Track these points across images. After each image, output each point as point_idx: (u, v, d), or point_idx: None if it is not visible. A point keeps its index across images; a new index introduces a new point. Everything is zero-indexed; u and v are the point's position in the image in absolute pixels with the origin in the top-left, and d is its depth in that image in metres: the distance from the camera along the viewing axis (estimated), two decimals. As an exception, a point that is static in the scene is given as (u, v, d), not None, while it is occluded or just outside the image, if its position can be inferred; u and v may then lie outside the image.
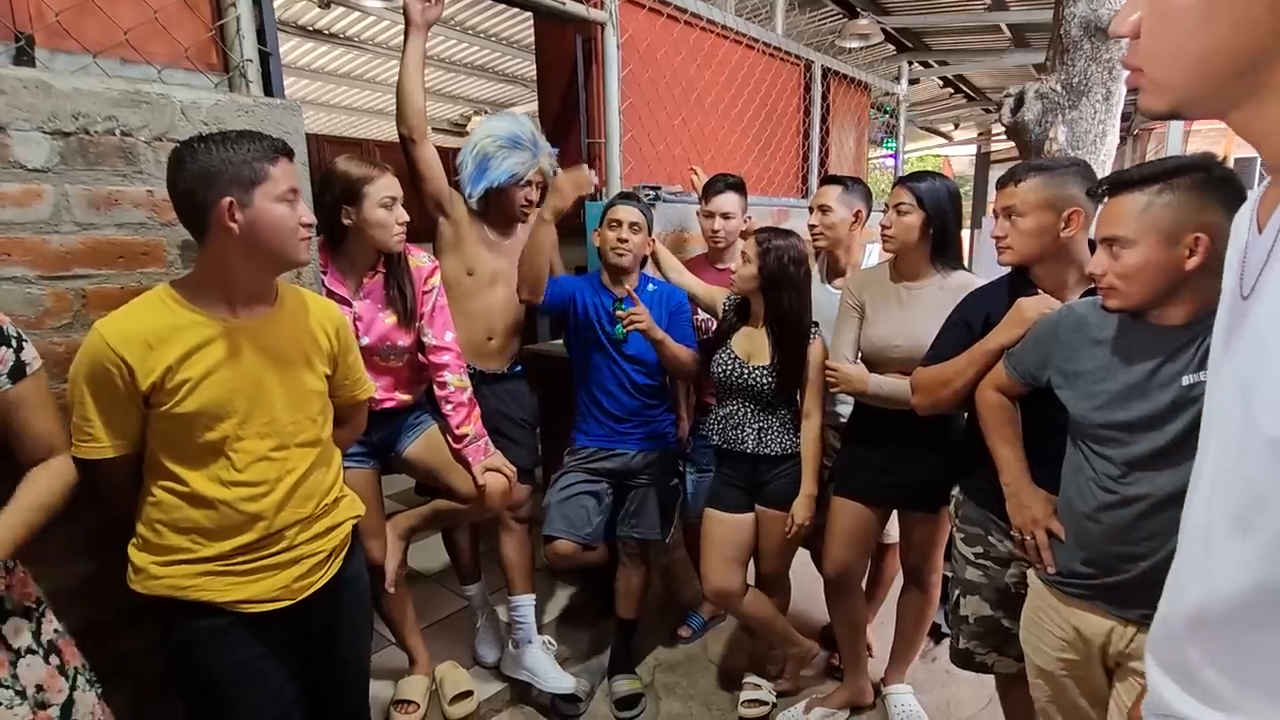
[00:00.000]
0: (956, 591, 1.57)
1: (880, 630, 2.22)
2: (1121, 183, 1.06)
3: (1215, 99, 0.48)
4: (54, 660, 1.00)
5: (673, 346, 1.87)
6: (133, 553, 1.13)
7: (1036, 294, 1.37)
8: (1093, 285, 1.33)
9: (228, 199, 1.04)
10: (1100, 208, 1.13)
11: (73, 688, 1.01)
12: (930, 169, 2.21)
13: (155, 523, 1.11)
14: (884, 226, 1.73)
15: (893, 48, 5.50)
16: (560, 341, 2.14)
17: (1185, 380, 1.03)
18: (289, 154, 1.13)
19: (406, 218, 1.61)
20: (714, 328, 2.01)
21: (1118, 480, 1.12)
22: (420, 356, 1.74)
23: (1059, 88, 2.30)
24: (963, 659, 1.58)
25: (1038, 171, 1.36)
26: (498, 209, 1.97)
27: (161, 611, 1.13)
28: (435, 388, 1.74)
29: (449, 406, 1.73)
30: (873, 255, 2.08)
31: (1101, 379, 1.14)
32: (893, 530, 2.01)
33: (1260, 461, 0.45)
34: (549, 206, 1.76)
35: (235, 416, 1.12)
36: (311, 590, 1.21)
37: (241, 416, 1.13)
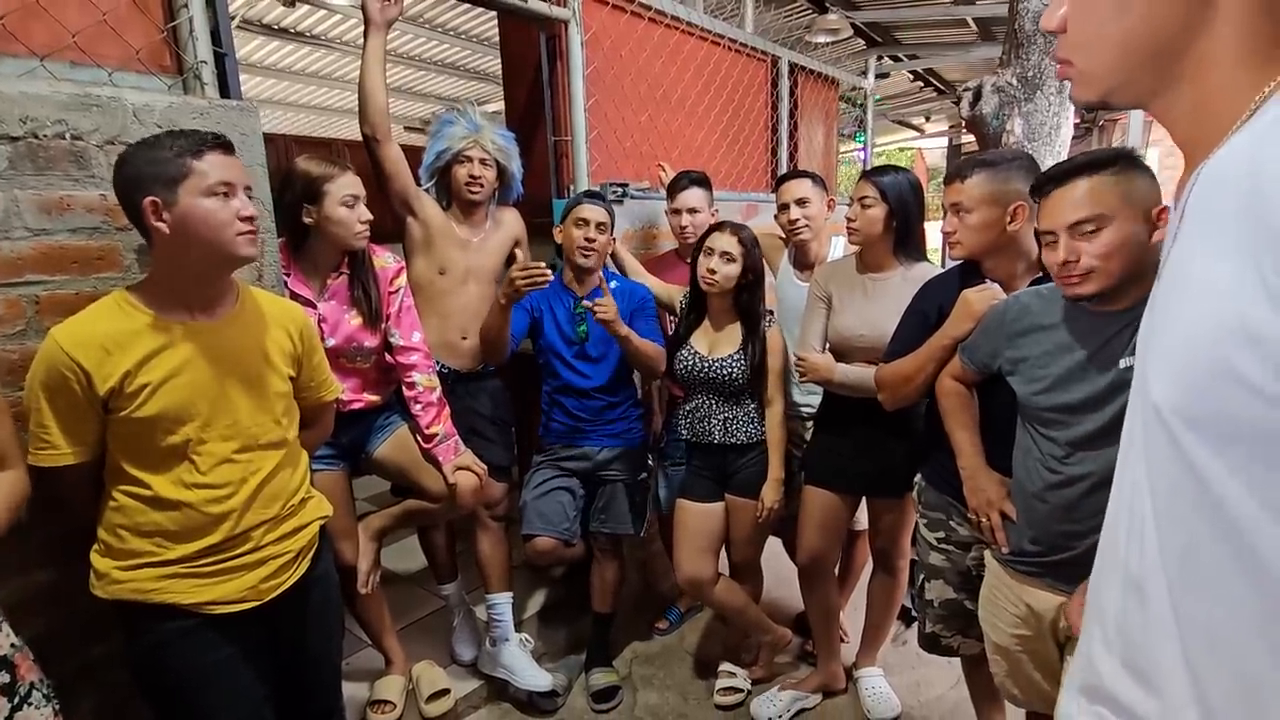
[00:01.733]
0: (921, 576, 1.61)
1: (852, 615, 2.26)
2: (1074, 169, 1.07)
3: (1136, 86, 0.51)
4: (2, 678, 0.97)
5: (638, 342, 1.87)
6: (94, 559, 1.12)
7: (983, 284, 1.41)
8: (1040, 275, 1.38)
9: (149, 199, 1.04)
10: (1052, 198, 1.09)
11: (18, 706, 0.98)
12: (893, 163, 2.25)
13: (117, 527, 1.11)
14: (849, 219, 1.76)
15: (862, 42, 5.56)
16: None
17: (1123, 363, 1.07)
18: (223, 146, 1.10)
19: (369, 216, 1.60)
20: (674, 324, 2.05)
21: (1062, 460, 1.16)
22: (388, 357, 1.74)
23: (1015, 81, 2.35)
24: (930, 643, 1.63)
25: (982, 167, 1.39)
26: (453, 195, 1.98)
27: (126, 615, 1.13)
28: (404, 388, 1.74)
29: (418, 406, 1.74)
30: (838, 248, 2.11)
31: (1046, 364, 1.18)
32: (862, 518, 2.05)
33: (1152, 429, 0.48)
34: (502, 293, 1.77)
35: (197, 419, 1.12)
36: (279, 591, 1.21)
37: (204, 419, 1.12)
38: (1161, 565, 0.48)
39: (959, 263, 1.52)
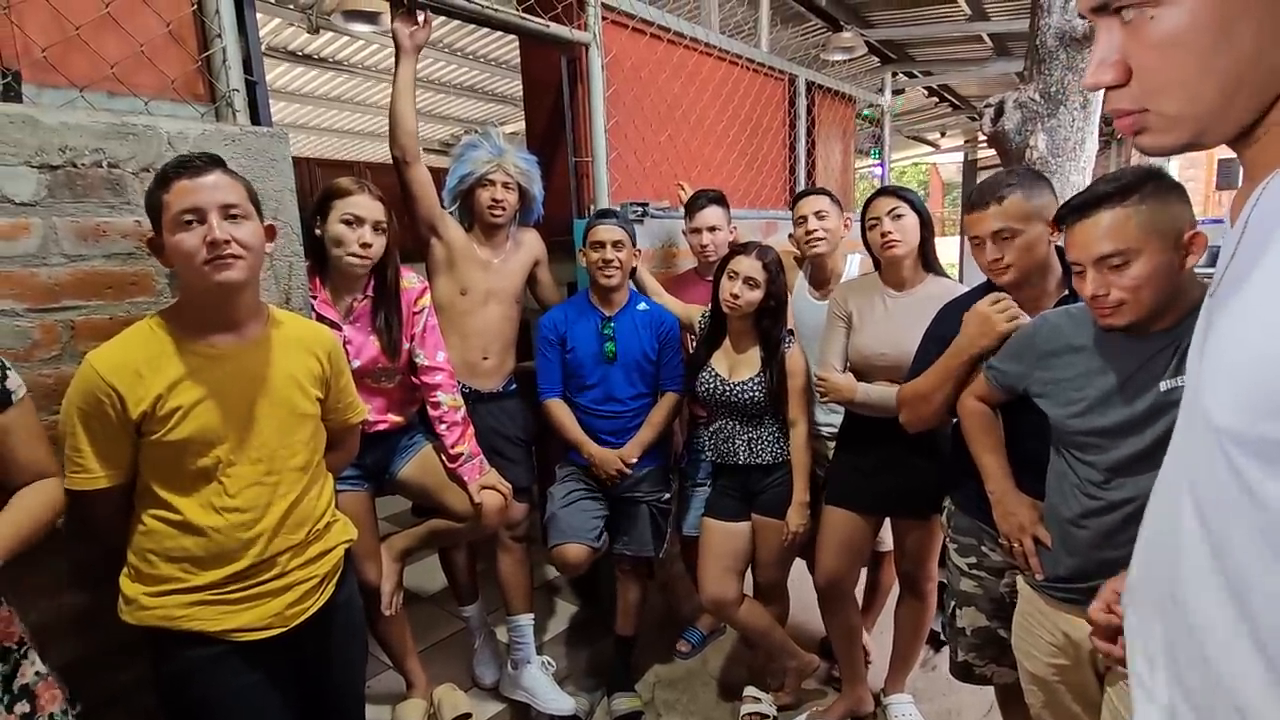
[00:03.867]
0: (953, 603, 1.57)
1: (880, 639, 2.22)
2: (1096, 199, 1.04)
3: (1234, 120, 0.47)
4: (22, 708, 0.96)
5: (656, 433, 2.00)
6: (123, 583, 1.13)
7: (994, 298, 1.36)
8: (1066, 293, 1.34)
9: (150, 236, 1.10)
10: (1076, 230, 1.07)
11: None
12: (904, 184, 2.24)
13: (146, 552, 1.11)
14: (886, 233, 1.71)
15: (877, 59, 5.58)
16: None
17: (1163, 385, 1.04)
18: (192, 172, 1.06)
19: (369, 240, 1.56)
20: (693, 344, 2.04)
21: (1101, 486, 1.12)
22: (412, 378, 1.75)
23: (1037, 96, 2.34)
24: (962, 672, 1.58)
25: (1010, 188, 1.33)
26: (476, 217, 1.99)
27: (153, 642, 1.13)
28: (429, 408, 1.75)
29: (443, 426, 1.74)
30: (854, 266, 2.10)
31: (1080, 386, 1.15)
32: (888, 538, 2.01)
33: (1205, 449, 0.46)
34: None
35: (227, 442, 1.13)
36: (304, 617, 1.20)
37: (233, 442, 1.13)
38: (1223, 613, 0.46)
39: (978, 285, 1.49)
